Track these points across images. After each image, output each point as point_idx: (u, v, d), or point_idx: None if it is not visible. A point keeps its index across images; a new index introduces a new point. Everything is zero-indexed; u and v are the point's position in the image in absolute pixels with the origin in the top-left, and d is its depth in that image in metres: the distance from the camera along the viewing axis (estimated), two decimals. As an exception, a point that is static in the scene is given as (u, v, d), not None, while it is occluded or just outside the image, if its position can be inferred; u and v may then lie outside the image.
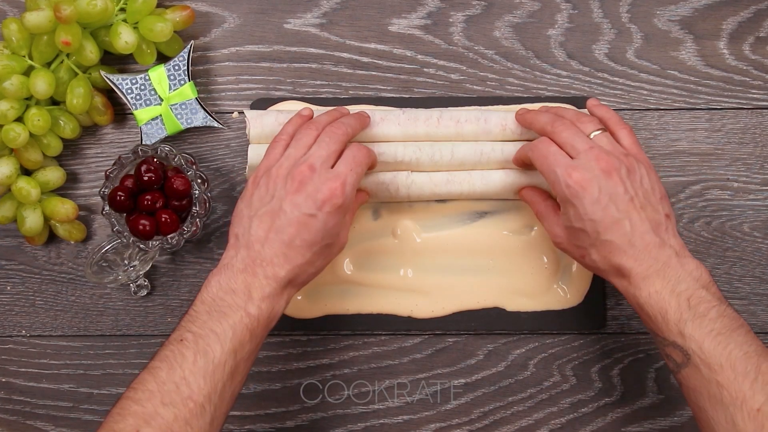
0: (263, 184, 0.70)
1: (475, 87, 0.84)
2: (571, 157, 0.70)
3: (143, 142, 0.80)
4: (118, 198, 0.77)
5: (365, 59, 0.84)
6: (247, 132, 0.78)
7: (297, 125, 0.74)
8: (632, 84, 0.84)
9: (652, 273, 0.67)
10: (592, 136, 0.71)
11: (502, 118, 0.78)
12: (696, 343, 0.64)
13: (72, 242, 0.83)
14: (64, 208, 0.79)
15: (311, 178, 0.69)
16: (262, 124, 0.78)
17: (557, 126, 0.72)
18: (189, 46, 0.80)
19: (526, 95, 0.83)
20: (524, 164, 0.77)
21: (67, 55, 0.79)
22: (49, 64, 0.78)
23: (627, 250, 0.68)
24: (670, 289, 0.66)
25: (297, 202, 0.68)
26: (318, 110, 0.78)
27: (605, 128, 0.72)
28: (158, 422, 0.62)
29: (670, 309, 0.66)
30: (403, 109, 0.79)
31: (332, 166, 0.70)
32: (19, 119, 0.77)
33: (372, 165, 0.76)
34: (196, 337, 0.65)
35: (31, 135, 0.78)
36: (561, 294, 0.82)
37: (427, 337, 0.83)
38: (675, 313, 0.65)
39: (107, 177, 0.78)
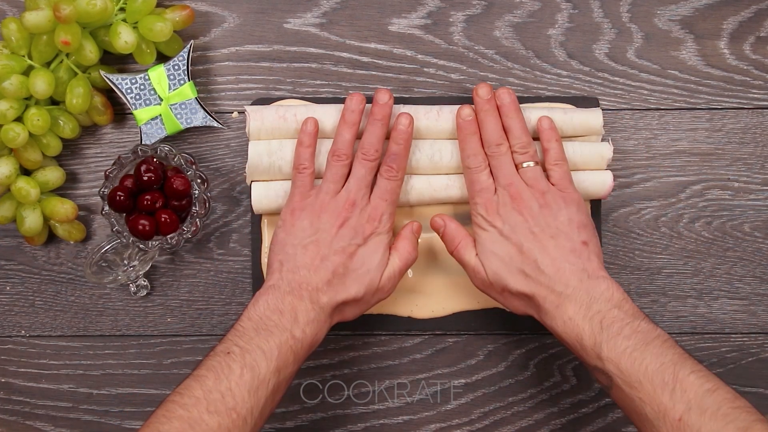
0: (305, 217, 0.73)
1: (475, 87, 0.84)
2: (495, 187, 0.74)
3: (143, 142, 0.80)
4: (118, 198, 0.77)
5: (365, 59, 0.84)
6: (246, 129, 0.78)
7: (311, 145, 0.75)
8: (633, 84, 0.83)
9: (563, 299, 0.69)
10: (523, 166, 0.74)
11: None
12: (613, 364, 0.65)
13: (71, 242, 0.83)
14: (63, 208, 0.79)
15: (353, 213, 0.73)
16: (262, 117, 0.77)
17: (493, 149, 0.74)
18: (189, 46, 0.80)
19: (526, 95, 0.83)
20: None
21: (67, 55, 0.79)
22: (48, 64, 0.78)
23: (538, 277, 0.70)
24: (583, 314, 0.68)
25: (342, 235, 0.72)
26: (317, 109, 0.78)
27: (537, 161, 0.74)
28: (202, 428, 0.63)
29: (585, 334, 0.67)
30: (403, 104, 0.79)
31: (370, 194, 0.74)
32: (19, 119, 0.77)
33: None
34: (243, 351, 0.66)
35: (31, 135, 0.77)
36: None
37: (427, 337, 0.83)
38: (590, 338, 0.67)
39: (107, 177, 0.78)
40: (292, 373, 0.69)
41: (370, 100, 0.82)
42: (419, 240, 0.78)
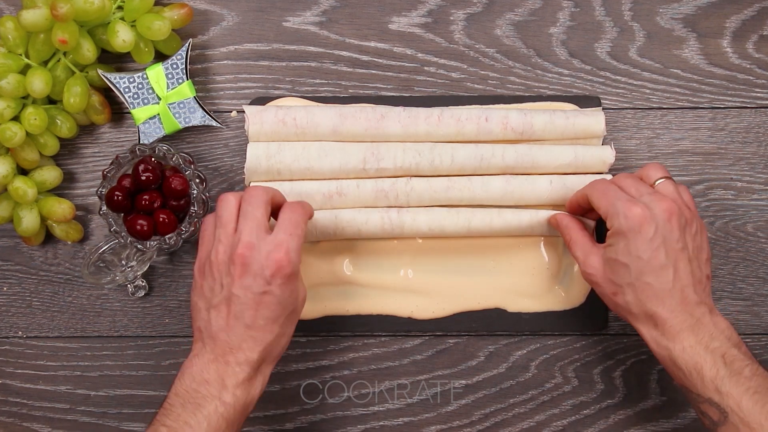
0: (208, 273, 0.69)
1: (476, 86, 0.83)
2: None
3: (141, 142, 0.80)
4: (116, 198, 0.77)
5: (365, 58, 0.83)
6: (246, 129, 0.77)
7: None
8: (635, 83, 0.83)
9: (685, 327, 0.67)
10: (656, 183, 0.72)
11: (503, 116, 0.78)
12: (734, 400, 0.64)
13: (69, 242, 0.82)
14: (60, 208, 0.79)
15: (252, 257, 0.67)
16: (261, 121, 0.77)
17: (619, 177, 0.72)
18: (187, 45, 0.80)
19: (527, 94, 0.83)
20: (579, 208, 0.76)
21: (64, 54, 0.78)
22: (45, 63, 0.78)
23: (664, 298, 0.68)
24: (704, 345, 0.67)
25: (246, 285, 0.67)
26: (316, 109, 0.78)
27: (670, 176, 0.72)
28: None
29: (706, 365, 0.66)
30: (404, 107, 0.79)
31: (269, 230, 0.68)
32: (16, 118, 0.77)
33: (310, 216, 0.73)
34: (171, 431, 0.65)
35: (28, 134, 0.77)
36: (562, 295, 0.81)
37: (427, 338, 0.83)
38: (711, 369, 0.66)
39: (104, 177, 0.78)
40: None
41: (369, 99, 0.81)
42: (420, 241, 0.78)
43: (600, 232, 0.80)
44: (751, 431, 0.64)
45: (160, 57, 0.81)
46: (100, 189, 0.77)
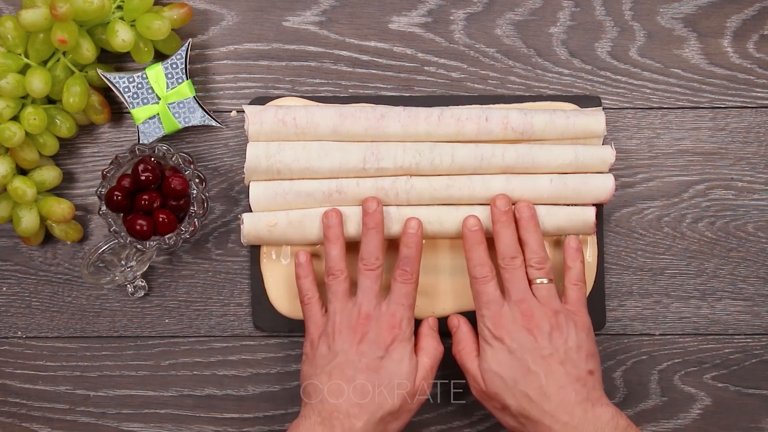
0: (323, 343, 0.73)
1: (476, 85, 0.83)
2: (505, 299, 0.73)
3: (140, 142, 0.80)
4: (115, 198, 0.76)
5: (365, 57, 0.83)
6: (245, 128, 0.77)
7: (308, 275, 0.76)
8: (635, 82, 0.83)
9: (568, 430, 0.69)
10: (537, 282, 0.73)
11: (503, 116, 0.78)
12: None
13: (68, 243, 0.82)
14: (60, 208, 0.79)
15: (370, 326, 0.72)
16: (261, 121, 0.77)
17: (507, 262, 0.74)
18: (187, 44, 0.80)
19: (527, 94, 0.83)
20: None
21: (64, 53, 0.78)
22: (45, 63, 0.78)
23: (543, 403, 0.69)
24: None
25: (363, 351, 0.71)
26: (316, 109, 0.77)
27: (551, 279, 0.74)
28: None
29: None
30: (404, 107, 0.79)
31: (383, 299, 0.74)
32: (15, 118, 0.77)
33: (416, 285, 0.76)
34: None
35: (27, 134, 0.77)
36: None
37: (427, 338, 0.82)
38: None
39: (104, 176, 0.77)
40: None
41: (369, 99, 0.81)
42: (423, 241, 0.78)
43: (597, 215, 0.80)
44: None
45: (160, 57, 0.81)
46: (99, 189, 0.77)
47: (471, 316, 0.80)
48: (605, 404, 0.70)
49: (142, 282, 0.82)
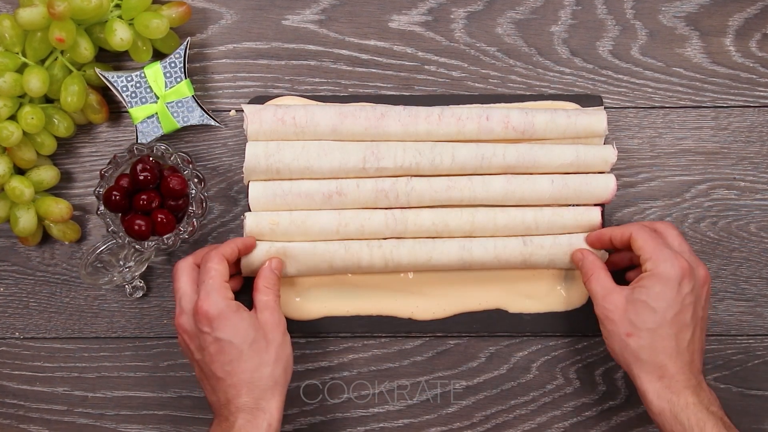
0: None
1: (476, 85, 0.82)
2: None
3: (139, 141, 0.79)
4: (114, 198, 0.76)
5: (365, 56, 0.83)
6: (245, 128, 0.77)
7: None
8: (637, 81, 0.82)
9: (690, 386, 0.69)
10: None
11: (504, 115, 0.77)
12: None
13: (66, 243, 0.82)
14: (58, 207, 0.78)
15: (185, 322, 0.72)
16: (260, 120, 0.77)
17: (663, 226, 0.74)
18: (185, 43, 0.79)
19: (528, 93, 0.82)
20: (607, 243, 0.76)
21: (62, 52, 0.78)
22: (43, 62, 0.77)
23: (677, 356, 0.70)
24: (705, 407, 0.68)
25: (198, 346, 0.72)
26: (316, 108, 0.77)
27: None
28: None
29: (708, 425, 0.67)
30: (404, 106, 0.78)
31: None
32: (13, 117, 0.76)
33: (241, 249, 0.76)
34: None
35: (25, 133, 0.77)
36: (564, 295, 0.81)
37: (427, 339, 0.82)
38: (713, 429, 0.67)
39: (102, 176, 0.77)
40: None
41: (369, 98, 0.81)
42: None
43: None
44: None
45: (158, 55, 0.81)
46: (97, 189, 0.77)
47: (472, 317, 0.80)
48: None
49: (140, 282, 0.81)
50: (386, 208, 0.78)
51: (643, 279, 0.71)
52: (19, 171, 0.79)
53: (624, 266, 0.79)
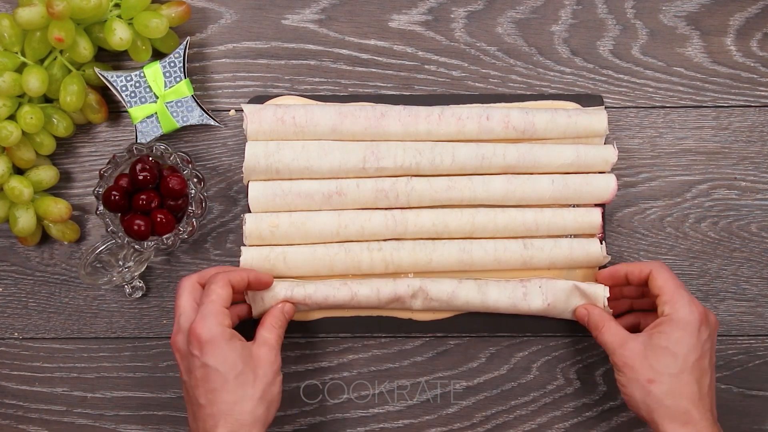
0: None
1: (477, 84, 0.82)
2: None
3: (138, 141, 0.79)
4: (113, 197, 0.76)
5: (365, 56, 0.82)
6: (244, 127, 0.77)
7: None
8: (637, 81, 0.82)
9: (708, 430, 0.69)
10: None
11: (504, 115, 0.77)
12: None
13: (65, 243, 0.82)
14: (57, 207, 0.78)
15: (178, 342, 0.71)
16: (260, 120, 0.76)
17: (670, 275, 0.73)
18: (185, 43, 0.79)
19: (529, 92, 0.82)
20: (622, 279, 0.75)
21: (61, 52, 0.78)
22: (42, 61, 0.77)
23: (699, 401, 0.69)
24: None
25: (186, 368, 0.70)
26: (316, 108, 0.77)
27: None
28: None
29: None
30: (404, 106, 0.78)
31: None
32: (12, 117, 0.76)
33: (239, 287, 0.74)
34: None
35: (24, 133, 0.76)
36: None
37: (428, 339, 0.82)
38: None
39: (101, 176, 0.77)
40: None
41: (369, 98, 0.81)
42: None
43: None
44: None
45: (158, 55, 0.81)
46: (96, 189, 0.77)
47: (472, 317, 0.80)
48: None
49: (139, 282, 0.81)
50: (386, 209, 0.78)
51: (662, 324, 0.70)
52: (19, 171, 0.79)
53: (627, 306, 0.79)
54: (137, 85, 0.79)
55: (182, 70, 0.79)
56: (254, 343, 0.71)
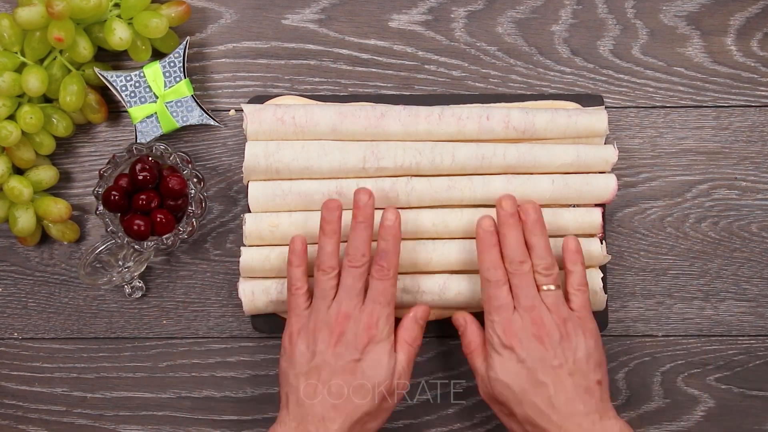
0: (302, 341, 0.71)
1: (477, 84, 0.82)
2: (514, 306, 0.71)
3: (138, 141, 0.79)
4: (113, 197, 0.76)
5: (365, 56, 0.82)
6: (244, 127, 0.76)
7: (300, 265, 0.73)
8: (638, 81, 0.82)
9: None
10: (544, 288, 0.72)
11: (504, 115, 0.77)
12: None
13: (65, 243, 0.82)
14: (57, 207, 0.78)
15: (348, 326, 0.70)
16: (259, 120, 0.76)
17: (515, 267, 0.72)
18: (185, 43, 0.79)
19: (529, 92, 0.82)
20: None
21: (60, 52, 0.77)
22: (41, 61, 0.77)
23: (551, 414, 0.69)
24: None
25: (339, 353, 0.70)
26: (316, 108, 0.77)
27: (559, 285, 0.72)
28: None
29: None
30: (404, 105, 0.78)
31: (363, 302, 0.72)
32: (11, 117, 0.76)
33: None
34: None
35: (24, 133, 0.76)
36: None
37: (428, 339, 0.82)
38: None
39: (101, 176, 0.77)
40: None
41: (369, 98, 0.81)
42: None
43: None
44: None
45: (158, 55, 0.80)
46: (96, 189, 0.76)
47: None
48: (613, 417, 0.69)
49: (139, 283, 0.81)
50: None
51: (489, 351, 0.72)
52: (18, 171, 0.79)
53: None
54: (137, 85, 0.79)
55: (182, 70, 0.79)
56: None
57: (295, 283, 0.73)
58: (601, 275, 0.78)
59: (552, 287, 0.71)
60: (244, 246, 0.78)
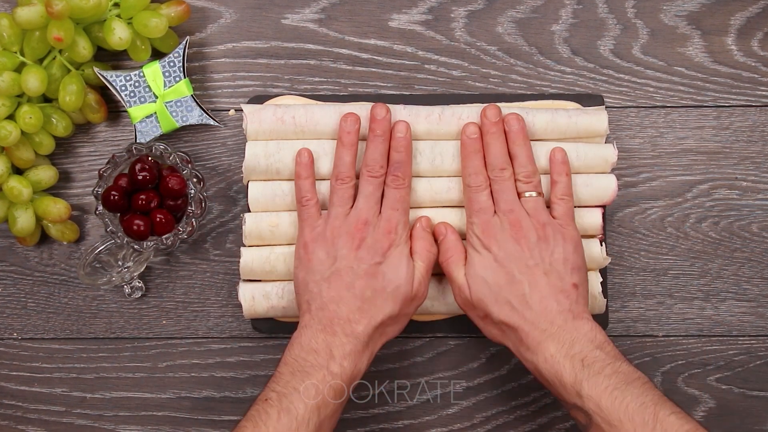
0: (320, 248, 0.72)
1: (477, 84, 0.82)
2: (495, 210, 0.73)
3: (137, 141, 0.79)
4: (112, 197, 0.76)
5: (365, 55, 0.82)
6: (244, 127, 0.76)
7: (309, 176, 0.74)
8: (638, 81, 0.82)
9: (546, 337, 0.69)
10: (525, 195, 0.73)
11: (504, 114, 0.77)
12: (593, 401, 0.66)
13: (65, 243, 0.82)
14: (56, 207, 0.78)
15: (368, 232, 0.71)
16: (259, 119, 0.76)
17: (497, 173, 0.73)
18: (184, 42, 0.79)
19: (529, 92, 0.82)
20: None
21: (60, 52, 0.77)
22: (41, 61, 0.77)
23: (524, 311, 0.70)
24: (564, 352, 0.68)
25: (361, 256, 0.71)
26: (316, 107, 0.77)
27: (541, 192, 0.73)
28: None
29: (565, 372, 0.67)
30: (404, 105, 0.78)
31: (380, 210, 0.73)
32: (11, 117, 0.76)
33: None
34: (280, 396, 0.67)
35: (23, 133, 0.76)
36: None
37: (428, 339, 0.82)
38: (570, 375, 0.67)
39: (101, 176, 0.77)
40: (335, 409, 0.68)
41: (369, 97, 0.81)
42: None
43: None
44: (612, 428, 0.64)
45: (157, 55, 0.80)
46: (96, 189, 0.76)
47: (461, 319, 0.80)
48: (586, 319, 0.70)
49: (139, 283, 0.81)
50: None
51: (468, 252, 0.74)
52: (18, 171, 0.79)
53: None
54: (136, 84, 0.79)
55: (182, 69, 0.79)
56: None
57: (305, 195, 0.74)
58: (601, 280, 0.78)
59: (533, 194, 0.73)
60: (244, 246, 0.78)
